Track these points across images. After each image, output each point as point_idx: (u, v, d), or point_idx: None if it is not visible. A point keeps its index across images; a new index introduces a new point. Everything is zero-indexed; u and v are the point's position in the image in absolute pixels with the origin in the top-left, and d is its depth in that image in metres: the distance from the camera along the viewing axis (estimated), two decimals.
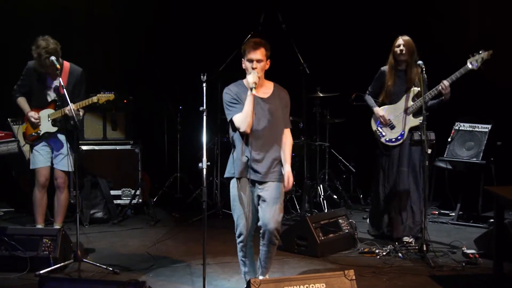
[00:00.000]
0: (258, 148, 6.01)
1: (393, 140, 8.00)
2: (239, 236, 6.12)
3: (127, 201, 9.60)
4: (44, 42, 7.32)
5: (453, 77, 7.63)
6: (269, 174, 6.05)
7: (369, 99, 8.18)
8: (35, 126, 7.61)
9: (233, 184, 6.12)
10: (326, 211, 9.34)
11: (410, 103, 7.88)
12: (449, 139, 9.14)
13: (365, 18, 10.51)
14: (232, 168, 6.13)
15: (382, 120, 8.02)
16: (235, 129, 6.02)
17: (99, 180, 9.36)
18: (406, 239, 7.85)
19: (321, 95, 9.63)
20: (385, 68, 8.03)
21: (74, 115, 7.01)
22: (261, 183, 6.03)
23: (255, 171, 6.02)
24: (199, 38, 10.79)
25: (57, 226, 7.58)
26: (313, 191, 9.69)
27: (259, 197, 6.06)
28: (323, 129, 10.17)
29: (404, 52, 7.79)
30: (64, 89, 6.98)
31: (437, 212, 9.65)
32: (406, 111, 7.90)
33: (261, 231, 6.06)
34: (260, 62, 5.98)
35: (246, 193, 6.07)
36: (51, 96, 7.65)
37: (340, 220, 7.88)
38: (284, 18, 9.13)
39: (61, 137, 7.68)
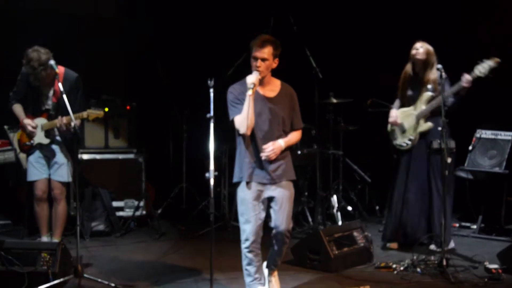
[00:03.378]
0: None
1: (403, 144, 8.15)
2: (245, 241, 6.17)
3: (130, 213, 9.60)
4: (36, 54, 7.24)
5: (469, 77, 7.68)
6: (279, 175, 6.17)
7: (396, 101, 8.38)
8: (30, 135, 7.61)
9: (242, 187, 6.21)
10: (340, 223, 9.30)
11: (422, 107, 7.97)
12: (470, 148, 9.12)
13: (382, 20, 10.48)
14: (239, 172, 6.22)
15: (392, 122, 8.19)
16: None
17: (101, 191, 9.36)
18: (432, 247, 7.96)
19: (335, 101, 9.57)
20: (404, 71, 8.20)
21: (64, 128, 7.10)
22: (271, 184, 6.13)
23: (264, 174, 6.13)
24: (206, 41, 10.78)
25: (55, 240, 7.58)
26: (327, 203, 9.63)
27: (269, 199, 6.18)
28: (337, 137, 10.13)
29: (420, 51, 7.96)
30: (65, 96, 6.95)
31: (457, 225, 9.56)
32: (417, 115, 7.98)
33: (273, 232, 6.21)
34: (264, 61, 6.04)
35: (255, 197, 6.15)
36: (45, 104, 7.64)
37: (355, 233, 7.85)
38: (296, 20, 9.14)
39: (55, 147, 7.67)
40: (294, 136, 6.29)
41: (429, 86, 7.86)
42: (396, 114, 8.20)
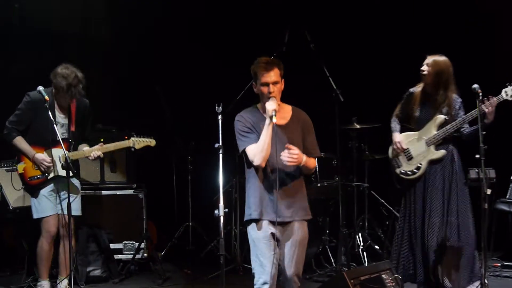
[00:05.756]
0: (278, 183, 6.03)
1: (409, 172, 7.97)
2: (262, 285, 6.11)
3: (130, 256, 9.57)
4: (71, 71, 7.54)
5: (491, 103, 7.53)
6: (292, 213, 6.16)
7: (393, 123, 8.22)
8: (47, 171, 7.61)
9: (252, 226, 6.19)
10: (366, 264, 9.28)
11: (433, 132, 7.82)
12: None
13: (409, 34, 10.45)
14: (248, 209, 6.20)
15: (396, 147, 8.04)
16: (250, 163, 6.09)
17: (97, 232, 9.33)
18: None
19: (358, 126, 9.58)
20: (414, 89, 8.05)
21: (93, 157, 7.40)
22: (283, 224, 6.10)
23: (276, 211, 6.07)
24: (213, 62, 10.77)
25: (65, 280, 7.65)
26: (351, 241, 9.63)
27: (279, 239, 6.14)
28: (361, 167, 10.12)
29: (425, 72, 7.83)
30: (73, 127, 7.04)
31: (499, 264, 9.54)
32: (427, 141, 7.84)
33: (280, 279, 6.16)
34: (276, 84, 6.07)
35: (268, 236, 6.12)
36: (60, 132, 7.56)
37: (383, 275, 7.69)
38: (313, 36, 9.08)
39: (71, 179, 7.64)
40: (311, 160, 6.18)
41: (443, 109, 7.77)
42: (400, 138, 8.07)
